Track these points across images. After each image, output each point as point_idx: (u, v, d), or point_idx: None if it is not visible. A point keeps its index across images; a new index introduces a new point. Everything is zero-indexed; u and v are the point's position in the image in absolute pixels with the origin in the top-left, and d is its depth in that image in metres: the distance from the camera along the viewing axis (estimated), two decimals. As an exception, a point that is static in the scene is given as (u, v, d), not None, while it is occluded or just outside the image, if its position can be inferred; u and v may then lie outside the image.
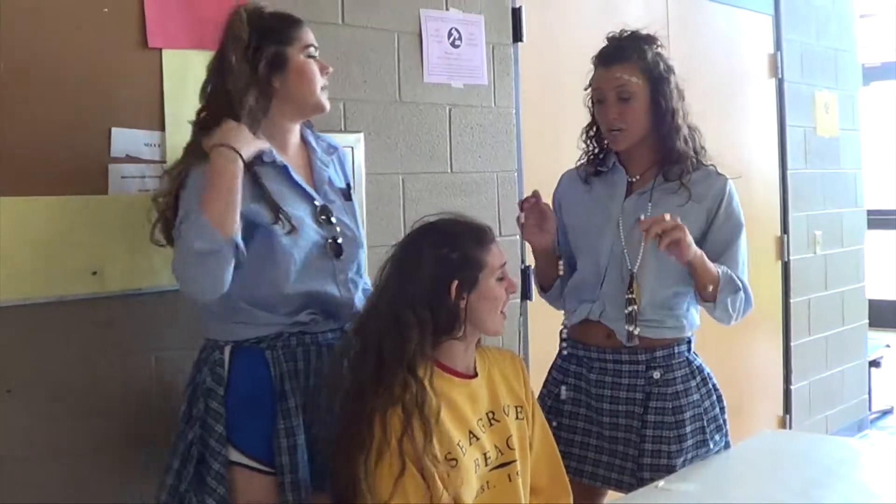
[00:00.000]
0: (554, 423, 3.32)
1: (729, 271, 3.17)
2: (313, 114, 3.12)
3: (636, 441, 3.25)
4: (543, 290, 3.52)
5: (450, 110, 4.31)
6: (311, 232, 2.96)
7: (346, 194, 3.19)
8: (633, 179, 3.34)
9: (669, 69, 3.30)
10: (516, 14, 4.60)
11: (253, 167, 2.88)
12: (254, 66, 2.92)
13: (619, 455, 3.29)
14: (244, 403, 2.90)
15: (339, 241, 3.04)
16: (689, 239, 3.01)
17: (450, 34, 4.29)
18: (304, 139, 3.17)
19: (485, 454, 2.80)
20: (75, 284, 3.13)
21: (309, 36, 3.02)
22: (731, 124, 6.10)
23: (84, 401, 3.16)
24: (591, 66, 3.34)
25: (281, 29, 2.97)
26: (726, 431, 3.36)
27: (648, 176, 3.33)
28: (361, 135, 3.88)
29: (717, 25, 6.07)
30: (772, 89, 6.52)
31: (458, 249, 2.79)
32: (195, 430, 2.90)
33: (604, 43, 3.34)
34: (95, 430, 3.18)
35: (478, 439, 2.79)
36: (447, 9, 4.29)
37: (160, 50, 3.30)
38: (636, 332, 3.22)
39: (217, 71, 2.97)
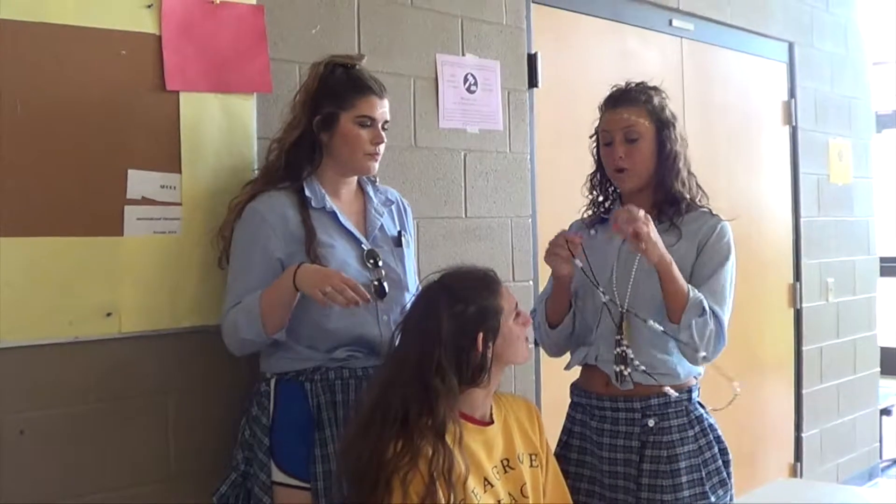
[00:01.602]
0: (562, 471, 3.32)
1: (701, 296, 3.12)
2: (355, 174, 3.34)
3: (633, 489, 3.22)
4: (552, 326, 3.48)
5: (465, 155, 4.31)
6: (354, 273, 3.11)
7: (397, 241, 3.36)
8: None
9: (674, 116, 3.34)
10: (532, 60, 4.63)
11: (307, 212, 3.16)
12: (311, 116, 3.18)
13: (621, 503, 3.26)
14: (286, 430, 3.11)
15: (384, 283, 3.20)
16: (656, 237, 3.03)
17: (465, 80, 4.31)
18: (362, 190, 3.40)
19: (499, 501, 2.78)
20: (89, 326, 3.13)
21: (368, 107, 3.19)
22: (744, 171, 6.10)
23: (99, 442, 3.16)
24: (599, 113, 3.39)
25: (342, 93, 3.18)
26: (731, 486, 3.29)
27: None
28: (377, 180, 3.88)
29: (732, 73, 6.08)
30: (786, 136, 6.53)
31: (473, 303, 2.81)
32: (242, 455, 3.17)
33: (612, 89, 3.38)
34: (109, 471, 3.18)
35: (492, 486, 2.78)
36: (463, 54, 4.31)
37: (178, 92, 3.31)
38: (626, 373, 3.20)
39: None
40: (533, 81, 4.64)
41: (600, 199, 3.49)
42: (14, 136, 2.97)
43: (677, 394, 3.20)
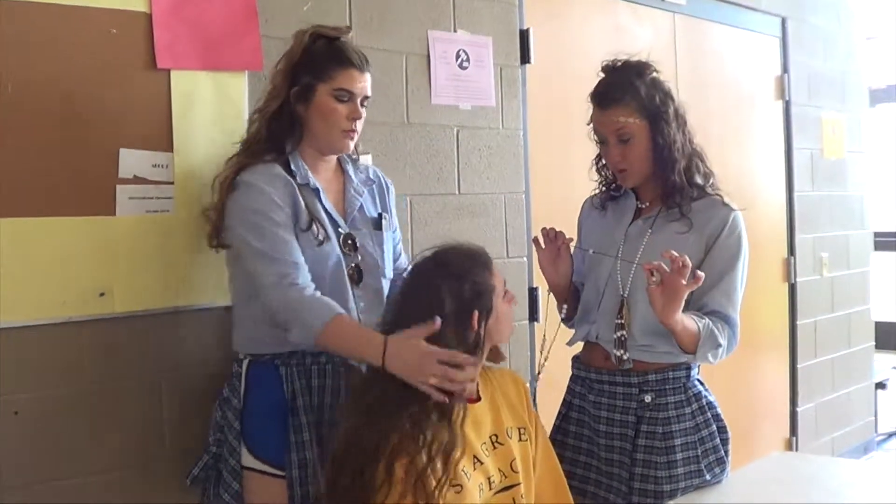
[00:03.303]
0: (561, 443, 3.36)
1: (711, 326, 3.07)
2: (330, 152, 3.19)
3: (628, 464, 3.22)
4: (566, 320, 3.49)
5: (457, 132, 4.31)
6: (334, 256, 3.06)
7: (377, 224, 3.25)
8: (643, 206, 3.32)
9: (666, 98, 3.24)
10: (524, 36, 4.61)
11: (297, 184, 3.04)
12: (290, 87, 3.06)
13: (615, 477, 3.26)
14: (258, 413, 3.04)
15: (361, 268, 3.14)
16: (681, 301, 2.92)
17: (458, 56, 4.30)
18: (341, 168, 3.27)
19: (489, 478, 2.76)
20: (83, 306, 3.12)
21: (347, 80, 3.06)
22: (737, 146, 6.10)
23: (92, 423, 3.16)
24: (590, 101, 3.30)
25: (321, 63, 3.05)
26: (728, 464, 3.27)
27: (656, 202, 3.29)
28: (369, 156, 3.87)
29: (725, 48, 6.07)
30: (779, 111, 6.53)
31: (469, 280, 2.77)
32: (214, 437, 3.13)
33: (600, 75, 3.29)
34: (104, 451, 3.18)
35: (482, 464, 2.76)
36: (455, 31, 4.30)
37: (169, 71, 3.30)
38: (625, 357, 3.19)
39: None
40: (525, 57, 4.62)
41: (609, 176, 3.43)
42: (4, 116, 2.96)
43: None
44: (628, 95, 3.19)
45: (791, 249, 6.58)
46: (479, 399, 2.87)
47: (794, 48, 6.57)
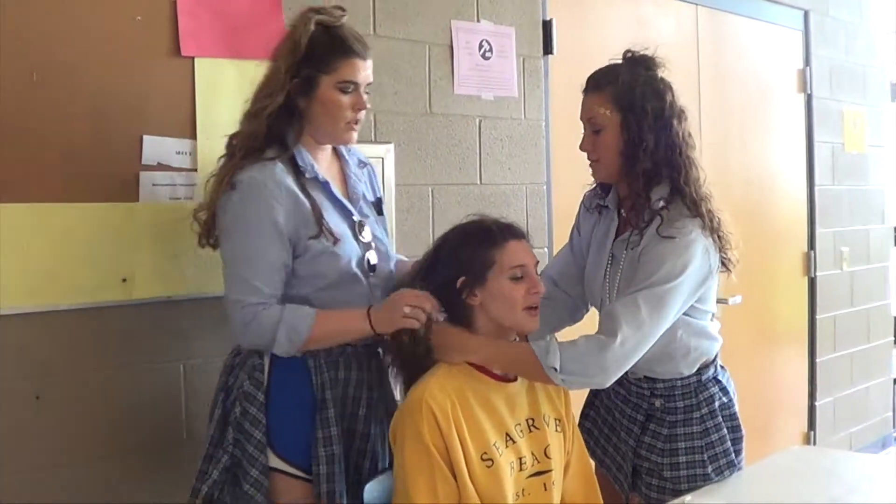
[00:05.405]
0: (592, 420, 3.43)
1: (553, 346, 2.84)
2: (334, 143, 3.07)
3: (631, 457, 3.23)
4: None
5: (480, 122, 4.31)
6: (350, 248, 2.94)
7: (379, 208, 3.19)
8: (627, 215, 3.18)
9: (650, 95, 3.04)
10: (547, 27, 4.61)
11: (303, 182, 2.89)
12: (291, 78, 2.87)
13: (621, 463, 3.29)
14: (284, 410, 2.88)
15: (373, 255, 3.03)
16: (445, 342, 2.85)
17: (480, 46, 4.30)
18: (336, 152, 3.13)
19: (520, 458, 2.78)
20: (105, 292, 3.14)
21: (352, 70, 2.88)
22: (759, 139, 6.09)
23: (113, 407, 3.18)
24: None
25: (324, 55, 2.87)
26: (738, 465, 3.21)
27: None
28: (392, 146, 3.88)
29: (747, 40, 6.05)
30: (800, 105, 6.50)
31: (468, 248, 2.83)
32: (231, 435, 2.87)
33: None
34: (124, 436, 3.20)
35: (514, 443, 2.78)
36: (478, 21, 4.30)
37: (193, 58, 3.31)
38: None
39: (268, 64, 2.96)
40: (548, 48, 4.62)
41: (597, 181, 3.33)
42: (30, 102, 2.98)
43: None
44: (606, 84, 3.09)
45: (811, 243, 6.56)
46: (514, 379, 2.88)
47: (816, 41, 6.54)
